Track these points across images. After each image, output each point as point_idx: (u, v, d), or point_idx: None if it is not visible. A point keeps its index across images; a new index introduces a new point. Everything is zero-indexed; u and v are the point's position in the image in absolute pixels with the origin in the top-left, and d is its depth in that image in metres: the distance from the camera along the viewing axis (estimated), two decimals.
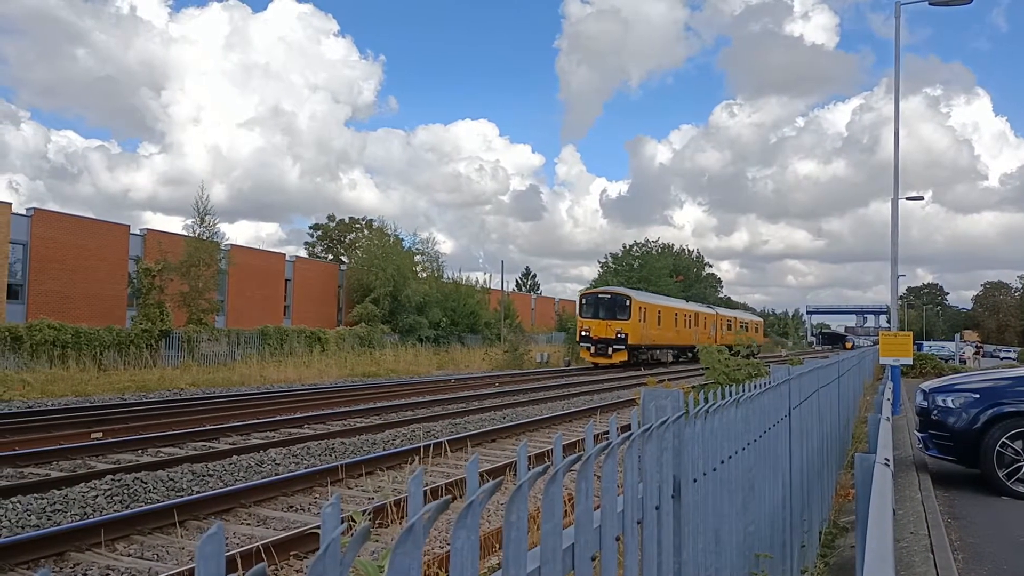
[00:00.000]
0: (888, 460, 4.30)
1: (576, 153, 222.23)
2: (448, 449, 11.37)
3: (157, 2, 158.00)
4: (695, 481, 2.39)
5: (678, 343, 49.17)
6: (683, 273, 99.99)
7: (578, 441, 12.39)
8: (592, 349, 40.79)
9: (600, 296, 42.95)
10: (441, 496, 7.36)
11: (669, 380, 29.40)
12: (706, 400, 2.57)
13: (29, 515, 7.78)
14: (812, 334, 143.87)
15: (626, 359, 40.20)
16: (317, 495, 9.29)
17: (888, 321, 28.01)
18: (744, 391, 3.32)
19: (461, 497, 8.57)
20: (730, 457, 2.96)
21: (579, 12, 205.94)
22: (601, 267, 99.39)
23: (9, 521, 7.57)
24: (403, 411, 18.12)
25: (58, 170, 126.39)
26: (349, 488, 9.66)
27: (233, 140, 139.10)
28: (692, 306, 55.59)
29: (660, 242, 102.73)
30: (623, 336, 40.35)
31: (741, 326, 65.24)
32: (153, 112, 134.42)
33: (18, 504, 8.02)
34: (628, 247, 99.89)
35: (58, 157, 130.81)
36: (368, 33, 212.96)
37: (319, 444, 12.42)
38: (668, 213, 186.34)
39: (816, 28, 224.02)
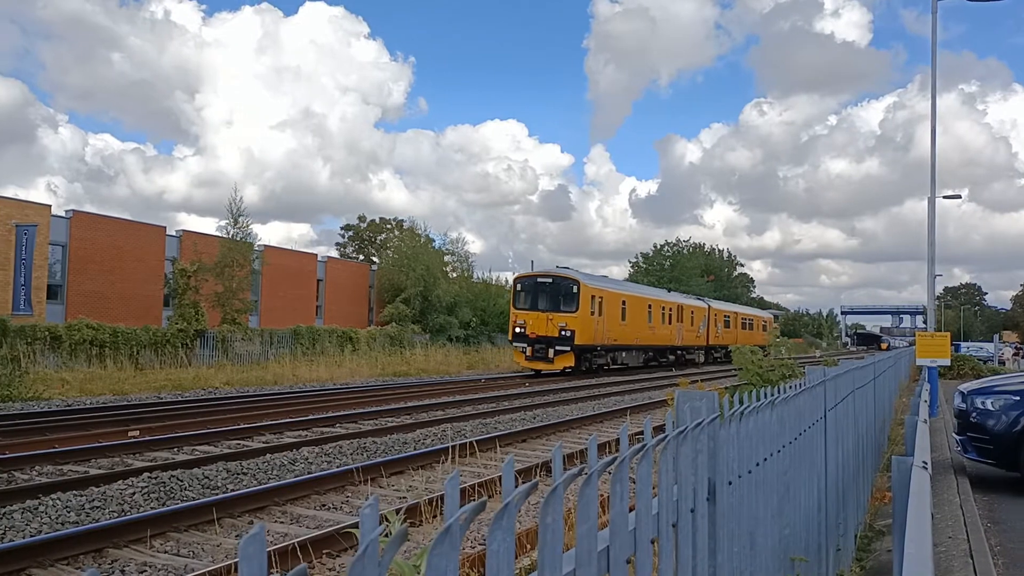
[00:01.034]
0: (926, 463, 4.23)
1: (605, 152, 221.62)
2: (479, 449, 11.39)
3: (190, 7, 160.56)
4: (730, 484, 2.36)
5: (653, 343, 40.14)
6: (714, 273, 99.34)
7: (610, 442, 12.35)
8: (528, 351, 31.62)
9: (540, 281, 33.21)
10: (473, 496, 7.32)
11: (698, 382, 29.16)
12: (740, 402, 2.55)
13: (68, 512, 7.92)
14: (847, 335, 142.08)
15: (573, 364, 31.46)
16: (349, 494, 9.36)
17: (925, 322, 27.54)
18: (779, 393, 3.29)
19: (493, 497, 8.58)
20: (765, 459, 2.93)
21: (608, 11, 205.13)
22: (632, 267, 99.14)
23: (49, 518, 7.72)
24: (434, 411, 18.18)
25: (95, 172, 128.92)
26: (381, 487, 9.71)
27: (265, 142, 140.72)
28: (674, 297, 45.43)
29: (691, 242, 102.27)
30: (568, 334, 31.03)
31: (745, 323, 56.96)
32: (187, 115, 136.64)
33: (58, 501, 8.17)
34: (659, 247, 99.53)
35: (95, 160, 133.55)
36: (398, 35, 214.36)
37: (351, 443, 12.51)
38: (698, 212, 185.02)
39: (847, 25, 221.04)
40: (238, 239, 34.38)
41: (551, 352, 31.07)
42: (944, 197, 34.59)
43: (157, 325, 31.72)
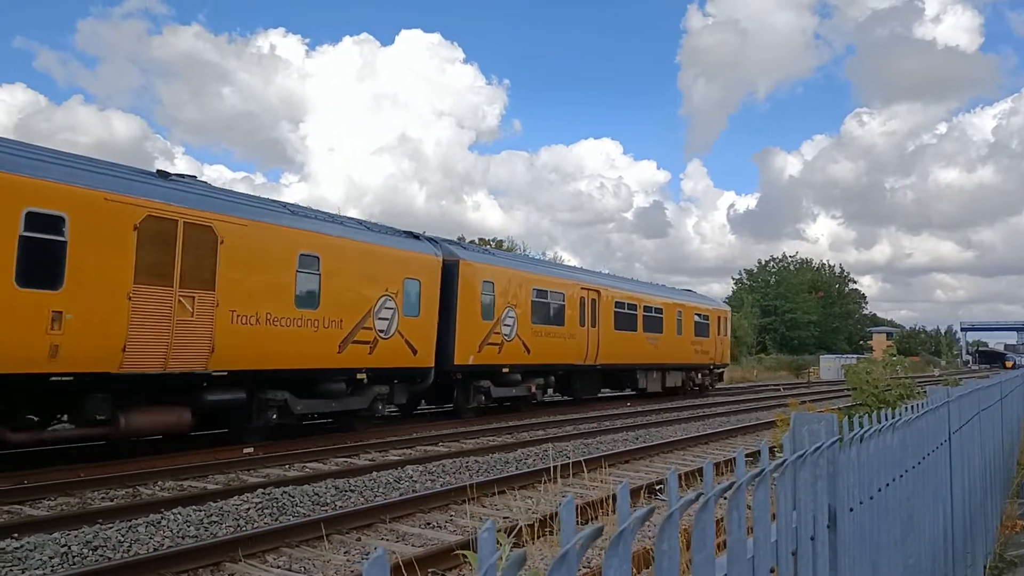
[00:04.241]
0: None
1: (702, 168, 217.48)
2: (584, 468, 11.30)
3: (295, 40, 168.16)
4: (851, 510, 2.26)
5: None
6: (824, 289, 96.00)
7: (718, 463, 12.04)
8: None
9: None
10: (578, 518, 7.19)
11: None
12: (860, 425, 2.43)
13: (188, 526, 8.27)
14: (967, 352, 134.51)
15: None
16: (452, 512, 9.43)
17: None
18: (900, 414, 3.13)
19: (597, 519, 8.48)
20: (887, 485, 2.79)
21: (701, 26, 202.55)
22: (735, 283, 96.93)
23: (171, 531, 8.07)
24: (534, 430, 18.18)
25: None
26: (483, 507, 9.75)
27: (365, 167, 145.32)
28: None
29: (798, 257, 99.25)
30: None
31: (632, 313, 27.16)
32: (293, 144, 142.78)
33: (179, 515, 8.53)
34: (764, 263, 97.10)
35: None
36: (493, 59, 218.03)
37: (454, 462, 12.62)
38: (801, 227, 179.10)
39: (954, 30, 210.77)
40: None
41: None
42: None
43: None
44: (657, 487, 10.77)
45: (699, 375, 32.89)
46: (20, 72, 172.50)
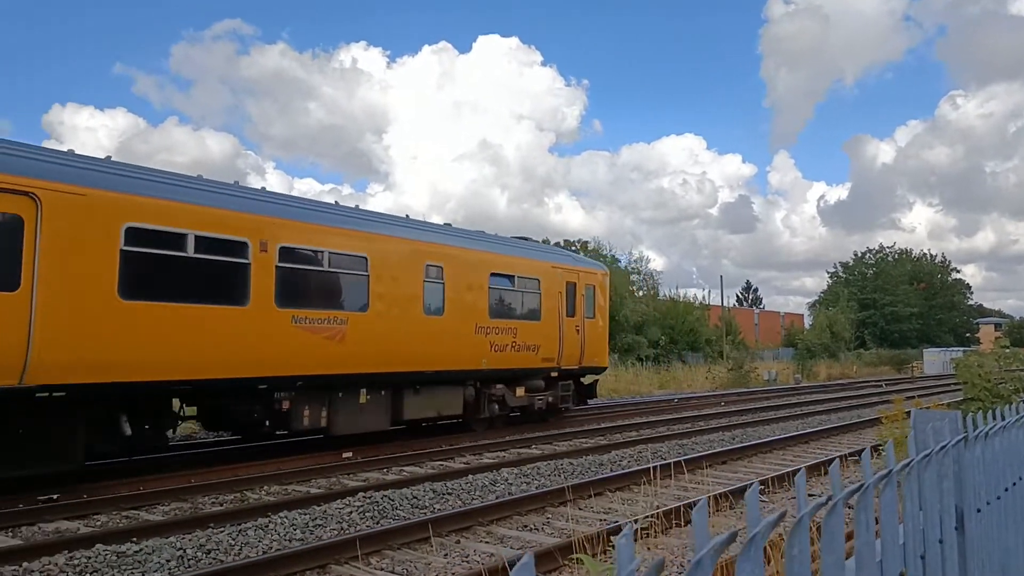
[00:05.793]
0: None
1: (790, 159, 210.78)
2: (686, 469, 11.15)
3: (376, 53, 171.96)
4: (978, 511, 2.16)
5: None
6: (925, 280, 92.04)
7: (821, 463, 11.72)
8: None
9: None
10: (678, 519, 7.09)
11: None
12: (974, 423, 2.33)
13: (295, 529, 8.53)
14: None
15: None
16: (549, 515, 9.45)
17: None
18: (1020, 410, 2.98)
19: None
20: (1014, 484, 2.66)
21: (782, 13, 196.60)
22: (830, 277, 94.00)
23: (278, 534, 8.34)
24: (627, 431, 18.04)
25: None
26: (580, 509, 9.73)
27: (447, 174, 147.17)
28: None
29: (896, 247, 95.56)
30: None
31: (243, 262, 11.34)
32: (377, 154, 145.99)
33: (285, 519, 8.82)
34: (860, 254, 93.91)
35: None
36: (572, 59, 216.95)
37: (548, 464, 12.64)
38: (895, 216, 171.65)
39: None
40: None
41: None
42: None
43: None
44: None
45: (519, 390, 17.82)
46: (120, 97, 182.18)
